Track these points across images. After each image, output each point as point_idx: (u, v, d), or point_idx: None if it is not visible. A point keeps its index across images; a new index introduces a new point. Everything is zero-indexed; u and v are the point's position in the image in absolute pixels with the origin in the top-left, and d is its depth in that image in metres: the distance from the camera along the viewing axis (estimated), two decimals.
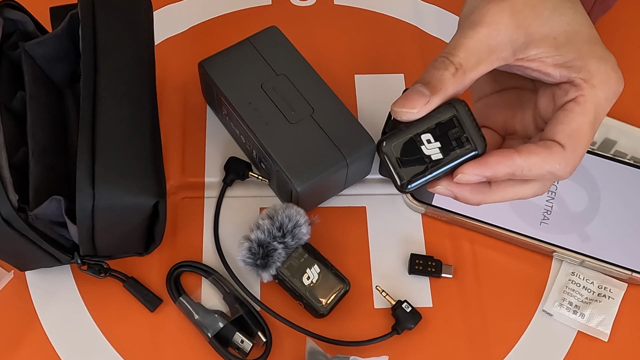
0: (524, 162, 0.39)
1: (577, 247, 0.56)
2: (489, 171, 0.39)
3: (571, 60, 0.39)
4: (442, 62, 0.39)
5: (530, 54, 0.39)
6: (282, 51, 0.59)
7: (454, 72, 0.38)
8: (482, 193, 0.41)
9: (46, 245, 0.49)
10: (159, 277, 0.56)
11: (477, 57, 0.39)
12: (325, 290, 0.54)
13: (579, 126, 0.39)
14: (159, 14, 0.69)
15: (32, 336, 0.54)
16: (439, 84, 0.38)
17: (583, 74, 0.39)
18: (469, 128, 0.39)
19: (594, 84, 0.39)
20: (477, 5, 0.40)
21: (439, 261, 0.57)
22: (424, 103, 0.38)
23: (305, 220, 0.54)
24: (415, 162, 0.39)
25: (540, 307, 0.56)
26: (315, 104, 0.56)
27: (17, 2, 0.53)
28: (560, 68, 0.39)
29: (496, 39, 0.39)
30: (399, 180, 0.39)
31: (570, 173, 0.40)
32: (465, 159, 0.39)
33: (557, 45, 0.39)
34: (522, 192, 0.41)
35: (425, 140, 0.39)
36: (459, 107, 0.39)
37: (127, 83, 0.50)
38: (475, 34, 0.39)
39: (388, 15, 0.70)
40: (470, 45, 0.38)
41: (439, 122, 0.38)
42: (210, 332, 0.53)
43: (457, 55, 0.38)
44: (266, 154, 0.55)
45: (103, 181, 0.46)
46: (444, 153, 0.39)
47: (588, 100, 0.39)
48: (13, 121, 0.50)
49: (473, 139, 0.39)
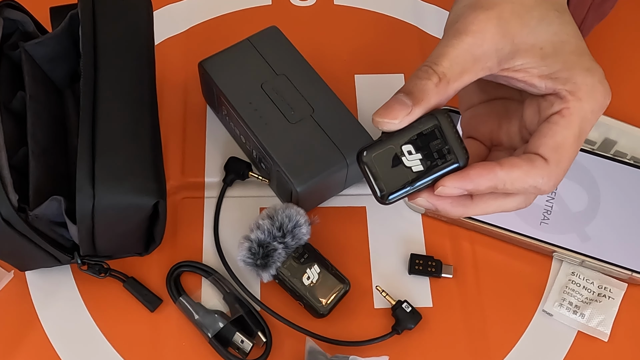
0: (506, 176, 0.38)
1: (577, 247, 0.56)
2: (470, 184, 0.38)
3: (557, 72, 0.38)
4: (425, 71, 0.37)
5: (516, 64, 0.38)
6: (282, 51, 0.59)
7: (437, 82, 0.37)
8: (463, 206, 0.40)
9: (46, 245, 0.49)
10: (159, 277, 0.56)
11: (461, 66, 0.37)
12: (325, 290, 0.54)
13: (564, 139, 0.38)
14: (159, 14, 0.69)
15: (32, 336, 0.54)
16: (421, 94, 0.37)
17: (569, 86, 0.38)
18: (451, 140, 0.38)
19: (580, 97, 0.38)
20: (463, 13, 0.39)
21: (439, 261, 0.57)
22: (406, 114, 0.37)
23: (305, 220, 0.54)
24: (395, 173, 0.38)
25: (540, 307, 0.56)
26: (315, 104, 0.56)
27: (17, 2, 0.53)
28: (545, 79, 0.38)
29: (481, 48, 0.38)
30: (379, 192, 0.38)
31: (553, 187, 0.39)
32: (446, 171, 0.38)
33: (544, 56, 0.38)
34: (504, 205, 0.40)
35: (406, 151, 0.38)
36: (441, 118, 0.38)
37: (127, 83, 0.50)
38: (460, 42, 0.37)
39: (388, 15, 0.70)
40: (454, 55, 0.37)
41: (420, 133, 0.37)
42: (210, 332, 0.53)
43: (440, 64, 0.37)
44: (266, 154, 0.55)
45: (103, 181, 0.46)
46: (425, 165, 0.38)
47: (573, 113, 0.38)
48: (13, 121, 0.50)
49: (455, 151, 0.38)
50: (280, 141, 0.55)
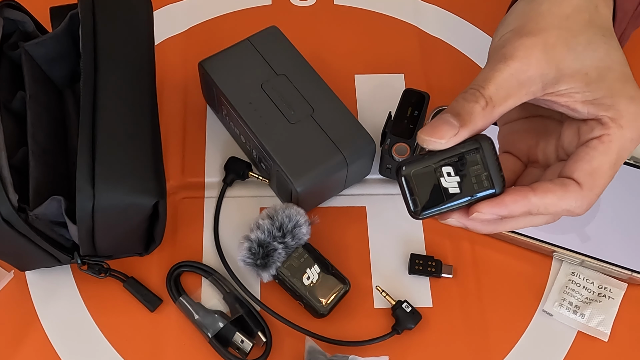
0: (540, 202, 0.38)
1: (577, 247, 0.56)
2: (505, 210, 0.38)
3: (601, 98, 0.38)
4: (472, 94, 0.38)
5: (560, 89, 0.38)
6: (282, 51, 0.59)
7: (484, 106, 0.37)
8: (494, 224, 0.41)
9: (46, 245, 0.49)
10: (159, 277, 0.56)
11: (506, 91, 0.38)
12: (325, 290, 0.54)
13: (600, 165, 0.38)
14: (159, 14, 0.69)
15: (32, 336, 0.54)
16: (468, 116, 0.37)
17: (611, 113, 0.38)
18: (490, 167, 0.38)
19: (621, 124, 0.38)
20: (509, 39, 0.39)
21: (439, 261, 0.57)
22: (453, 135, 0.37)
23: (305, 220, 0.54)
24: (431, 192, 0.38)
25: (540, 307, 0.56)
26: (315, 104, 0.56)
27: (17, 2, 0.53)
28: (588, 105, 0.38)
29: (526, 73, 0.38)
30: (413, 207, 0.39)
31: (585, 210, 0.39)
32: (481, 196, 0.38)
33: (588, 82, 0.38)
34: (533, 222, 0.41)
35: (446, 172, 0.38)
36: (484, 144, 0.38)
37: (127, 83, 0.50)
38: (506, 67, 0.38)
39: (388, 15, 0.70)
40: (500, 79, 0.38)
41: (462, 156, 0.38)
42: (210, 332, 0.53)
43: (487, 88, 0.38)
44: (266, 154, 0.55)
45: (103, 181, 0.46)
46: (462, 188, 0.38)
47: (613, 140, 0.38)
48: (13, 121, 0.50)
49: (493, 178, 0.38)
50: (280, 141, 0.55)
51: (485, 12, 0.70)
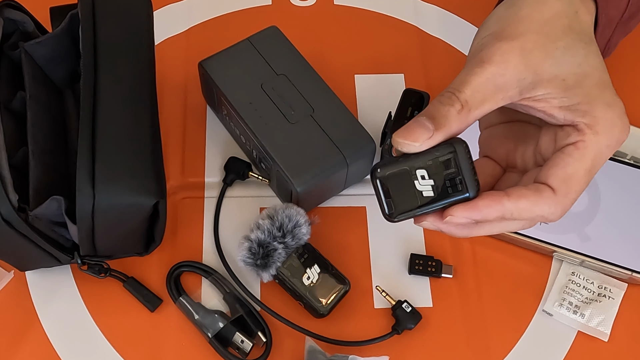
0: (514, 207, 0.38)
1: (577, 247, 0.56)
2: (478, 215, 0.38)
3: (577, 104, 0.38)
4: (448, 97, 0.38)
5: (537, 94, 0.38)
6: (282, 51, 0.59)
7: (460, 109, 0.37)
8: (468, 228, 0.41)
9: (46, 245, 0.49)
10: (159, 277, 0.56)
11: (482, 95, 0.38)
12: (325, 290, 0.54)
13: (574, 172, 0.38)
14: (159, 14, 0.69)
15: (32, 336, 0.54)
16: (443, 119, 0.37)
17: (588, 119, 0.38)
18: (465, 170, 0.38)
19: (597, 131, 0.38)
20: (487, 43, 0.39)
21: (439, 261, 0.57)
22: (427, 137, 0.37)
23: (305, 220, 0.54)
24: (406, 195, 0.38)
25: (540, 307, 0.56)
26: (315, 104, 0.56)
27: (17, 2, 0.53)
28: (565, 110, 0.38)
29: (503, 77, 0.38)
30: (388, 210, 0.39)
31: (559, 217, 0.39)
32: (455, 200, 0.38)
33: (566, 87, 0.38)
34: (508, 227, 0.41)
35: (420, 175, 0.38)
36: (458, 148, 0.38)
37: (127, 83, 0.50)
38: (482, 71, 0.38)
39: (388, 15, 0.70)
40: (476, 83, 0.38)
41: (436, 159, 0.38)
42: (210, 332, 0.53)
43: (463, 91, 0.38)
44: (266, 154, 0.55)
45: (103, 181, 0.46)
46: (436, 192, 0.38)
47: (588, 147, 0.38)
48: (13, 121, 0.50)
49: (467, 182, 0.38)
50: (280, 141, 0.55)
51: (485, 12, 0.70)
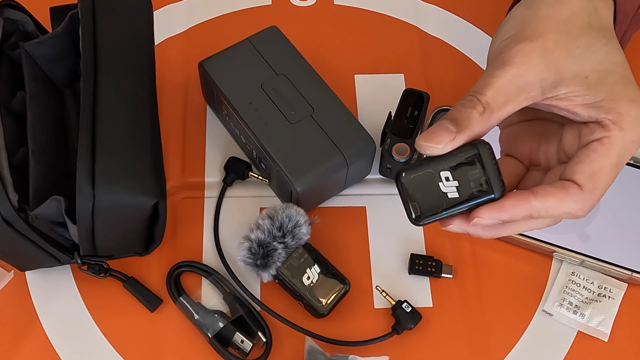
0: (541, 205, 0.38)
1: (577, 247, 0.56)
2: (505, 215, 0.38)
3: (601, 101, 0.38)
4: (470, 100, 0.38)
5: (559, 93, 0.38)
6: (282, 51, 0.59)
7: (482, 112, 0.38)
8: (495, 229, 0.41)
9: (46, 245, 0.49)
10: (159, 277, 0.56)
11: (504, 96, 0.38)
12: (325, 290, 0.54)
13: (600, 168, 0.38)
14: (159, 14, 0.69)
15: (32, 336, 0.54)
16: (466, 122, 0.38)
17: (612, 115, 0.38)
18: (489, 171, 0.38)
19: (622, 127, 0.38)
20: (507, 45, 0.39)
21: (439, 261, 0.57)
22: (450, 140, 0.37)
23: (305, 220, 0.54)
24: (431, 197, 0.38)
25: (540, 307, 0.56)
26: (315, 104, 0.56)
27: (17, 2, 0.53)
28: (589, 108, 0.38)
29: (524, 78, 0.38)
30: (414, 214, 0.39)
31: (586, 213, 0.39)
32: (481, 201, 0.38)
33: (588, 85, 0.38)
34: (534, 225, 0.41)
35: (444, 177, 0.38)
36: (482, 149, 0.38)
37: (127, 83, 0.50)
38: (504, 73, 0.38)
39: (388, 15, 0.70)
40: (498, 85, 0.38)
41: (460, 162, 0.38)
42: (210, 332, 0.53)
43: (485, 94, 0.38)
44: (266, 154, 0.55)
45: (103, 181, 0.46)
46: (461, 193, 0.38)
47: (614, 142, 0.38)
48: (13, 121, 0.50)
49: (492, 182, 0.38)
50: (280, 141, 0.55)
51: (485, 13, 0.70)
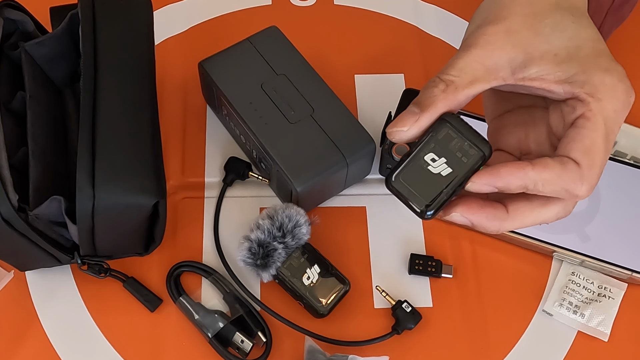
0: (538, 176, 0.37)
1: (577, 247, 0.56)
2: (500, 181, 0.38)
3: (574, 75, 0.38)
4: (432, 81, 0.39)
5: (530, 72, 0.39)
6: (282, 51, 0.59)
7: (444, 88, 0.38)
8: (499, 219, 0.40)
9: (46, 245, 0.49)
10: (159, 277, 0.56)
11: (471, 75, 0.38)
12: (325, 290, 0.54)
13: (592, 142, 0.38)
14: (159, 14, 0.69)
15: (32, 336, 0.54)
16: (428, 100, 0.38)
17: (587, 88, 0.38)
18: (468, 135, 0.38)
19: (599, 97, 0.38)
20: (473, 31, 0.40)
21: (439, 261, 0.57)
22: (414, 120, 0.38)
23: (305, 220, 0.54)
24: (427, 184, 0.38)
25: (540, 307, 0.56)
26: (315, 104, 0.56)
27: (17, 2, 0.53)
28: (563, 84, 0.38)
29: (491, 59, 0.39)
30: (419, 208, 0.38)
31: (588, 191, 0.38)
32: (475, 166, 0.38)
33: (558, 61, 0.38)
34: (542, 215, 0.40)
35: (430, 160, 0.38)
36: (450, 119, 0.38)
37: (127, 83, 0.50)
38: (467, 54, 0.39)
39: (388, 15, 0.70)
40: (462, 65, 0.39)
41: (436, 139, 0.38)
42: (210, 332, 0.53)
43: (447, 73, 0.39)
44: (266, 154, 0.55)
45: (103, 181, 0.46)
46: (453, 166, 0.38)
47: (596, 114, 0.38)
48: (13, 121, 0.50)
49: (476, 143, 0.38)
50: (280, 141, 0.55)
51: None
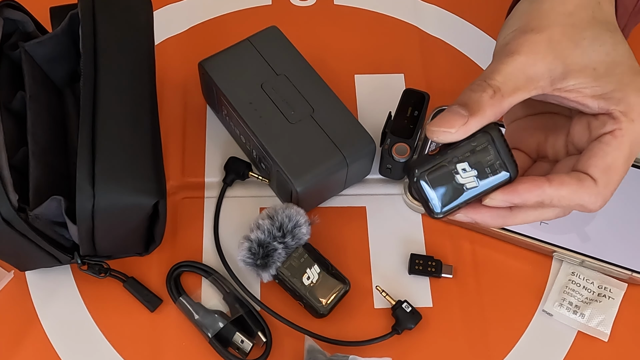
0: (555, 193, 0.38)
1: (577, 247, 0.56)
2: (518, 199, 0.38)
3: (610, 92, 0.38)
4: (479, 84, 0.38)
5: (568, 84, 0.39)
6: (282, 51, 0.59)
7: (492, 95, 0.37)
8: (503, 217, 0.40)
9: (46, 245, 0.49)
10: (159, 277, 0.56)
11: (514, 83, 0.38)
12: (325, 290, 0.54)
13: (614, 161, 0.38)
14: (159, 14, 0.69)
15: (32, 336, 0.54)
16: (476, 105, 0.37)
17: (622, 107, 0.38)
18: (502, 154, 0.38)
19: (633, 118, 0.38)
20: (514, 37, 0.40)
21: (439, 261, 0.57)
22: (462, 123, 0.37)
23: (305, 220, 0.54)
24: (449, 190, 0.38)
25: (540, 307, 0.56)
26: (315, 104, 0.56)
27: (17, 2, 0.53)
28: (598, 99, 0.38)
29: (533, 68, 0.38)
30: (434, 208, 0.39)
31: (600, 207, 0.39)
32: (497, 184, 0.39)
33: (597, 76, 0.38)
34: (543, 215, 0.41)
35: (461, 169, 0.38)
36: (494, 133, 0.38)
37: (127, 83, 0.50)
38: (512, 61, 0.38)
39: (388, 15, 0.70)
40: (507, 71, 0.38)
41: (473, 150, 0.38)
42: (210, 332, 0.53)
43: (494, 79, 0.38)
44: (266, 154, 0.55)
45: (103, 181, 0.46)
46: (479, 180, 0.38)
47: (625, 134, 0.38)
48: (13, 121, 0.50)
49: (507, 164, 0.38)
50: (280, 141, 0.55)
51: (485, 12, 0.70)
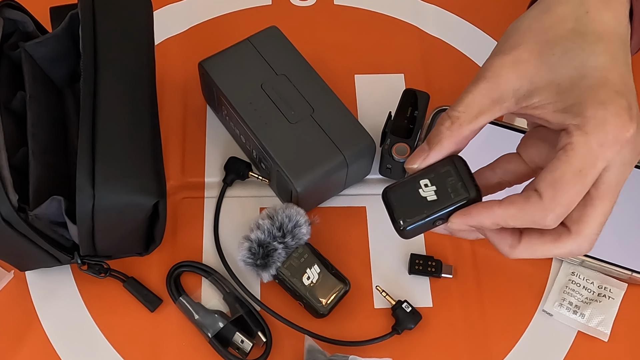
0: (504, 213, 0.39)
1: None
2: (472, 220, 0.40)
3: (570, 106, 0.38)
4: (441, 117, 0.41)
5: (533, 101, 0.39)
6: (282, 51, 0.59)
7: (449, 125, 0.40)
8: (510, 247, 0.42)
9: (46, 245, 0.49)
10: (159, 277, 0.56)
11: (478, 108, 0.40)
12: (325, 290, 0.54)
13: (561, 175, 0.38)
14: (159, 14, 0.69)
15: (32, 336, 0.54)
16: (435, 138, 0.41)
17: (578, 120, 0.37)
18: (464, 178, 0.41)
19: (586, 131, 0.37)
20: (487, 60, 0.41)
21: (439, 261, 0.57)
22: (423, 158, 0.41)
23: (305, 220, 0.54)
24: (413, 205, 0.41)
25: (540, 307, 0.56)
26: (315, 104, 0.56)
27: (17, 2, 0.53)
28: (558, 114, 0.38)
29: (497, 91, 0.40)
30: (399, 222, 0.41)
31: (555, 221, 0.39)
32: (458, 202, 0.41)
33: (560, 91, 0.38)
34: (553, 251, 0.41)
35: (423, 184, 0.41)
36: (456, 161, 0.41)
37: (127, 83, 0.50)
38: (475, 88, 0.40)
39: (388, 15, 0.70)
40: (469, 100, 0.40)
41: (437, 172, 0.41)
42: (210, 332, 0.53)
43: (456, 109, 0.40)
44: (266, 154, 0.55)
45: (103, 181, 0.46)
46: (439, 195, 0.41)
47: (575, 148, 0.37)
48: (13, 121, 0.50)
49: (467, 186, 0.41)
50: (280, 141, 0.55)
51: (485, 13, 0.70)
